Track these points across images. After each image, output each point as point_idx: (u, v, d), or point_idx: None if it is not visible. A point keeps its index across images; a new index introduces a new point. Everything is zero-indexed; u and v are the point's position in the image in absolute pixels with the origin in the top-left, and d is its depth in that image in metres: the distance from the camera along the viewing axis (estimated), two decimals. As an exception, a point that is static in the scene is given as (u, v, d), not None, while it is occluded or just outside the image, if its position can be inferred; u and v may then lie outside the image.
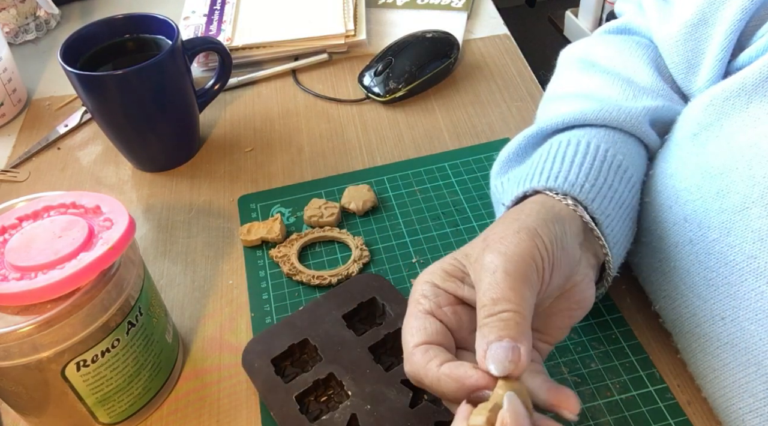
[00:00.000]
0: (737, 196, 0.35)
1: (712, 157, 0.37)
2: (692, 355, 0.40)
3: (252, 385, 0.43)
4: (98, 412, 0.40)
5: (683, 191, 0.38)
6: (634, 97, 0.43)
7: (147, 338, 0.41)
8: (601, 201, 0.38)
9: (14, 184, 0.63)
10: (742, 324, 0.35)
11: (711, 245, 0.36)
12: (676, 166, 0.39)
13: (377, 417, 0.39)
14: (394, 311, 0.45)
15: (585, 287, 0.37)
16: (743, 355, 0.35)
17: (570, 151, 0.40)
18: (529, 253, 0.32)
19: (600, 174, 0.39)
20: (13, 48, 0.79)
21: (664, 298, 0.41)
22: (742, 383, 0.35)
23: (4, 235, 0.38)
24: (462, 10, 0.78)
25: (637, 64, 0.46)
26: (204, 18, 0.77)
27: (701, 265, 0.37)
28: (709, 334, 0.37)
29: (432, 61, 0.67)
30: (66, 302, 0.35)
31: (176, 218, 0.57)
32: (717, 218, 0.36)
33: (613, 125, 0.41)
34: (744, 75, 0.36)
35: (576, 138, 0.40)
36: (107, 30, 0.59)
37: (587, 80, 0.46)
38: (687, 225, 0.38)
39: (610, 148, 0.40)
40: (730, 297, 0.35)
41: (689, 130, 0.39)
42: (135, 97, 0.56)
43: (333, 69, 0.73)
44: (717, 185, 0.36)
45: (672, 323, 0.41)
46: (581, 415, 0.40)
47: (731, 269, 0.35)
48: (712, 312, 0.37)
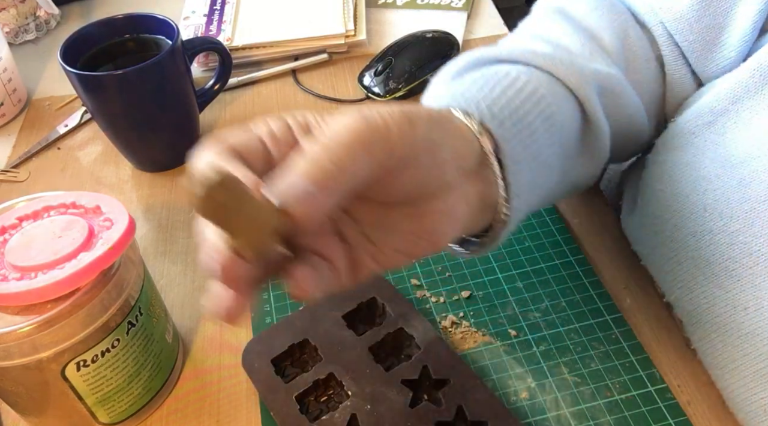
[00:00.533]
0: (761, 185, 0.34)
1: (731, 146, 0.36)
2: (710, 346, 0.39)
3: (252, 385, 0.43)
4: (98, 412, 0.40)
5: (702, 180, 0.38)
6: (590, 55, 0.42)
7: (147, 338, 0.41)
8: (516, 144, 0.35)
9: (14, 184, 0.63)
10: (764, 314, 0.34)
11: (733, 236, 0.36)
12: (693, 154, 0.39)
13: (377, 417, 0.39)
14: (394, 311, 0.45)
15: (443, 219, 0.32)
16: (765, 346, 0.35)
17: (504, 82, 0.37)
18: (390, 126, 0.28)
19: (527, 116, 0.36)
20: (13, 48, 0.79)
21: (680, 289, 0.40)
22: (763, 373, 0.35)
23: (4, 235, 0.38)
24: (462, 10, 0.78)
25: (605, 26, 0.44)
26: (204, 18, 0.77)
27: (722, 255, 0.37)
28: (730, 324, 0.37)
29: (432, 61, 0.67)
30: (66, 302, 0.35)
31: (176, 218, 0.57)
32: (739, 208, 0.35)
33: (558, 76, 0.39)
34: (759, 60, 0.35)
35: (516, 72, 0.37)
36: (107, 30, 0.59)
37: (551, 25, 0.45)
38: (707, 215, 0.37)
39: (547, 95, 0.37)
40: (754, 287, 0.35)
41: (704, 119, 0.38)
42: (135, 97, 0.56)
43: (333, 69, 0.73)
44: (739, 174, 0.36)
45: (688, 314, 0.40)
46: (581, 415, 0.40)
47: (755, 260, 0.35)
48: (733, 302, 0.36)
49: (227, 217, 0.25)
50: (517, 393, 0.42)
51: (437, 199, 0.31)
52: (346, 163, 0.26)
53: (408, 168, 0.29)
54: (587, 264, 0.49)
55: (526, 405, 0.41)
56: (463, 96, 0.35)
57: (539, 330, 0.45)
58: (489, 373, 0.43)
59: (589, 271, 0.49)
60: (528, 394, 0.42)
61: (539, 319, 0.46)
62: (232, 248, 0.26)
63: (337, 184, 0.26)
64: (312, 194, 0.26)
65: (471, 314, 0.47)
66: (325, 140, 0.27)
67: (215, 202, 0.24)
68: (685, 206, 0.39)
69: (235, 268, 0.26)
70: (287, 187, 0.26)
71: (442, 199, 0.32)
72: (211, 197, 0.23)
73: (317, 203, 0.26)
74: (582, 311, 0.46)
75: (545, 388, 0.42)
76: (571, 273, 0.49)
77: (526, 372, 0.43)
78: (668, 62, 0.44)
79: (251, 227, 0.25)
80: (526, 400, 0.42)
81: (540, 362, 0.43)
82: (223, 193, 0.24)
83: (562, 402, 0.41)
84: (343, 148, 0.27)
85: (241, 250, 0.26)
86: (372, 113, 0.28)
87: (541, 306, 0.47)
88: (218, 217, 0.25)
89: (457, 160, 0.32)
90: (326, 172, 0.26)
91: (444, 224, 0.32)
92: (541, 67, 0.39)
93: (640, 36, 0.44)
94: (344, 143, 0.27)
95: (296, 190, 0.26)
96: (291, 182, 0.26)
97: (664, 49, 0.44)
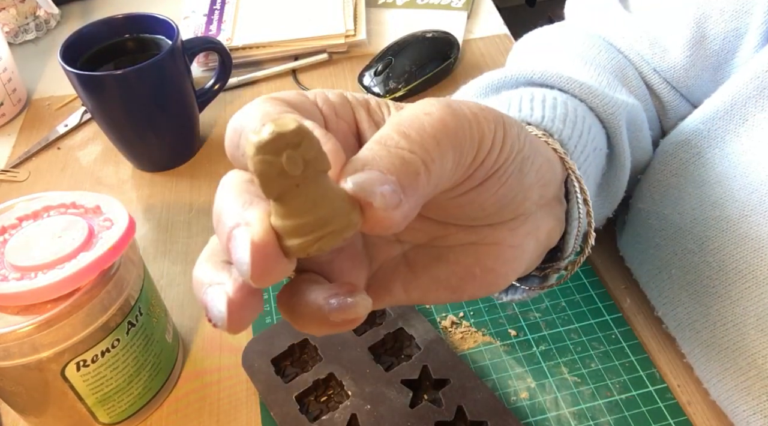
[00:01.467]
0: (734, 205, 0.35)
1: (708, 167, 0.37)
2: (696, 360, 0.40)
3: (252, 385, 0.43)
4: (98, 412, 0.40)
5: (680, 200, 0.38)
6: (608, 85, 0.40)
7: (147, 338, 0.41)
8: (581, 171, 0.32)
9: (14, 184, 0.63)
10: (743, 330, 0.35)
11: (710, 254, 0.36)
12: (672, 174, 0.39)
13: (377, 417, 0.39)
14: (394, 311, 0.45)
15: (510, 256, 0.27)
16: (744, 360, 0.35)
17: (559, 105, 0.33)
18: (483, 125, 0.23)
19: (587, 145, 0.33)
20: (13, 48, 0.79)
21: (665, 305, 0.41)
22: (744, 387, 0.36)
23: (4, 235, 0.38)
24: (462, 10, 0.78)
25: (604, 63, 0.42)
26: (204, 18, 0.77)
27: (701, 273, 0.37)
28: (711, 340, 0.37)
29: (432, 61, 0.67)
30: (66, 302, 0.35)
31: (176, 218, 0.57)
32: (715, 227, 0.36)
33: (591, 106, 0.36)
34: (737, 84, 0.36)
35: (561, 97, 0.34)
36: (107, 30, 0.59)
37: (558, 57, 0.43)
38: (685, 234, 0.38)
39: (593, 125, 0.35)
40: (732, 304, 0.35)
41: (682, 139, 0.39)
42: (135, 97, 0.56)
43: (333, 69, 0.73)
44: (714, 194, 0.36)
45: (675, 330, 0.41)
46: (581, 415, 0.40)
47: (732, 278, 0.35)
48: (713, 319, 0.37)
49: (286, 187, 0.19)
50: (517, 393, 0.42)
51: (509, 231, 0.27)
52: (436, 164, 0.21)
53: (491, 182, 0.24)
54: (587, 264, 0.49)
55: (526, 405, 0.41)
56: (531, 114, 0.31)
57: (539, 330, 0.45)
58: (489, 373, 0.43)
59: (589, 271, 0.49)
60: (528, 394, 0.42)
61: (539, 319, 0.46)
62: (276, 235, 0.20)
63: (425, 189, 0.21)
64: (398, 195, 0.20)
65: (471, 314, 0.47)
66: (409, 130, 0.21)
67: (277, 165, 0.18)
68: (665, 226, 0.39)
69: (273, 259, 0.20)
70: (369, 177, 0.20)
71: (515, 232, 0.27)
72: (277, 153, 0.18)
73: (402, 209, 0.20)
74: (582, 311, 0.46)
75: (545, 388, 0.42)
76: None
77: (526, 372, 0.43)
78: (667, 101, 0.44)
79: (314, 214, 0.19)
80: (526, 400, 0.42)
81: (540, 362, 0.43)
82: (293, 155, 0.18)
83: (562, 402, 0.41)
84: (434, 143, 0.21)
85: (286, 240, 0.20)
86: (461, 106, 0.23)
87: (541, 306, 0.47)
88: (273, 183, 0.18)
89: (541, 185, 0.27)
90: (415, 169, 0.21)
91: (510, 263, 0.27)
92: (577, 94, 0.35)
93: (636, 76, 0.44)
94: (434, 136, 0.21)
95: (381, 184, 0.20)
96: (374, 174, 0.20)
97: (661, 90, 0.44)
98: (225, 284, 0.21)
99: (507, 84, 0.37)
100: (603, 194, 0.39)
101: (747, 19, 0.38)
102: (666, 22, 0.42)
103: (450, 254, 0.27)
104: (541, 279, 0.33)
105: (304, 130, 0.18)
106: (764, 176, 0.33)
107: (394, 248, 0.27)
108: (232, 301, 0.21)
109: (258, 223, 0.19)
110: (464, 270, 0.27)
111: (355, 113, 0.25)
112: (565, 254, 0.31)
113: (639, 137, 0.41)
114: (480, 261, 0.27)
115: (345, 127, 0.25)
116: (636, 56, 0.44)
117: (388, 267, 0.27)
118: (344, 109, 0.25)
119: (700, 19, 0.40)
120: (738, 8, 0.38)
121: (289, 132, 0.18)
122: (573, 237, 0.30)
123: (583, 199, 0.30)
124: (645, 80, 0.44)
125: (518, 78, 0.37)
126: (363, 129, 0.25)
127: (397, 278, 0.27)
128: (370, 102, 0.25)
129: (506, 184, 0.25)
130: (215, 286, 0.21)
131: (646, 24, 0.43)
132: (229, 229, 0.20)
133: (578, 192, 0.30)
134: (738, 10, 0.38)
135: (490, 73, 0.38)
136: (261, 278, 0.20)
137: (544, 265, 0.33)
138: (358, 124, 0.25)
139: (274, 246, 0.19)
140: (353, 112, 0.25)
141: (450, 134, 0.22)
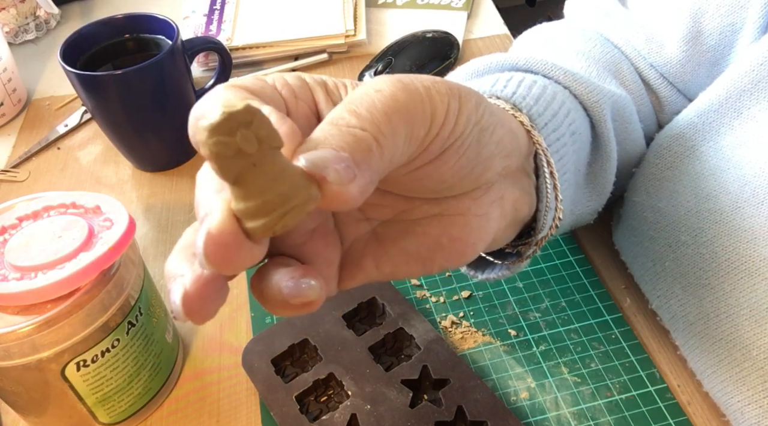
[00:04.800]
0: (727, 197, 0.35)
1: (702, 160, 0.37)
2: (690, 352, 0.40)
3: (252, 385, 0.43)
4: (98, 412, 0.40)
5: (674, 193, 0.38)
6: (598, 76, 0.40)
7: (147, 338, 0.41)
8: (553, 153, 0.32)
9: (14, 184, 0.63)
10: (736, 321, 0.35)
11: (703, 246, 0.36)
12: (667, 167, 0.39)
13: (377, 417, 0.39)
14: (394, 311, 0.45)
15: (475, 225, 0.27)
16: (739, 351, 0.35)
17: (535, 87, 0.33)
18: (435, 99, 0.23)
19: (560, 126, 0.33)
20: (13, 48, 0.79)
21: (658, 298, 0.41)
22: (739, 378, 0.36)
23: (4, 235, 0.38)
24: (462, 10, 0.78)
25: (598, 57, 0.43)
26: (204, 18, 0.77)
27: (695, 265, 0.37)
28: (705, 331, 0.37)
29: (432, 61, 0.67)
30: (66, 302, 0.35)
31: (176, 218, 0.57)
32: (709, 219, 0.36)
33: (575, 93, 0.36)
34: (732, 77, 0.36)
35: (542, 81, 0.34)
36: (107, 30, 0.59)
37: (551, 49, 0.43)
38: (679, 226, 0.38)
39: (572, 110, 0.35)
40: (725, 295, 0.35)
41: (676, 132, 0.39)
42: (135, 97, 0.56)
43: (333, 69, 0.73)
44: (708, 187, 0.36)
45: (668, 322, 0.41)
46: (581, 415, 0.40)
47: (725, 269, 0.35)
48: (707, 311, 0.37)
49: (243, 169, 0.19)
50: (517, 393, 0.42)
51: (472, 201, 0.27)
52: (388, 140, 0.22)
53: (449, 155, 0.25)
54: (587, 264, 0.49)
55: (526, 405, 0.41)
56: (503, 90, 0.31)
57: (539, 330, 0.45)
58: (489, 373, 0.43)
59: (589, 271, 0.49)
60: (528, 394, 0.42)
61: (539, 319, 0.46)
62: (237, 217, 0.20)
63: (379, 164, 0.21)
64: (352, 170, 0.20)
65: (471, 314, 0.47)
66: (360, 108, 0.22)
67: (232, 145, 0.18)
68: (659, 219, 0.39)
69: (234, 246, 0.20)
70: (322, 154, 0.20)
71: (478, 201, 0.27)
72: (230, 133, 0.18)
73: (358, 183, 0.20)
74: (582, 311, 0.46)
75: (545, 388, 0.42)
76: (571, 273, 0.49)
77: (526, 372, 0.43)
78: (663, 97, 0.44)
79: (274, 192, 0.19)
80: (526, 400, 0.42)
81: (540, 362, 0.43)
82: (246, 133, 0.18)
83: (562, 402, 0.41)
84: (385, 120, 0.22)
85: (249, 222, 0.20)
86: (413, 81, 0.23)
87: (541, 306, 0.47)
88: (230, 165, 0.18)
89: (503, 156, 0.27)
90: (367, 146, 0.21)
91: (476, 231, 0.27)
92: (561, 81, 0.36)
93: (631, 70, 0.44)
94: (384, 112, 0.22)
95: (335, 160, 0.20)
96: (327, 152, 0.21)
97: (657, 86, 0.44)
98: (185, 276, 0.21)
99: (492, 69, 0.38)
100: (590, 186, 0.39)
101: (743, 13, 0.38)
102: (662, 17, 0.42)
103: (417, 227, 0.27)
104: (515, 256, 0.33)
105: (253, 108, 0.18)
106: (757, 169, 0.34)
107: (363, 226, 0.28)
108: (187, 293, 0.21)
109: (217, 212, 0.20)
110: (432, 241, 0.27)
111: (314, 94, 0.26)
112: (539, 229, 0.31)
113: (628, 129, 0.41)
114: (446, 231, 0.27)
115: (305, 109, 0.25)
116: (632, 51, 0.44)
117: (358, 244, 0.27)
118: (303, 91, 0.25)
119: (696, 14, 0.40)
120: (734, 3, 0.38)
121: (239, 111, 0.18)
122: (543, 211, 0.31)
123: (550, 172, 0.30)
124: (641, 75, 0.44)
125: (503, 64, 0.37)
126: (322, 109, 0.26)
127: (367, 254, 0.27)
128: (327, 83, 0.26)
129: (464, 155, 0.25)
130: (177, 277, 0.22)
131: (643, 19, 0.43)
132: (199, 220, 0.21)
133: (545, 166, 0.30)
134: (734, 5, 0.38)
135: (477, 59, 0.38)
136: (223, 265, 0.20)
137: (518, 241, 0.33)
138: (318, 105, 0.26)
139: (232, 233, 0.20)
140: (312, 93, 0.26)
141: (401, 109, 0.22)
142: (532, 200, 0.31)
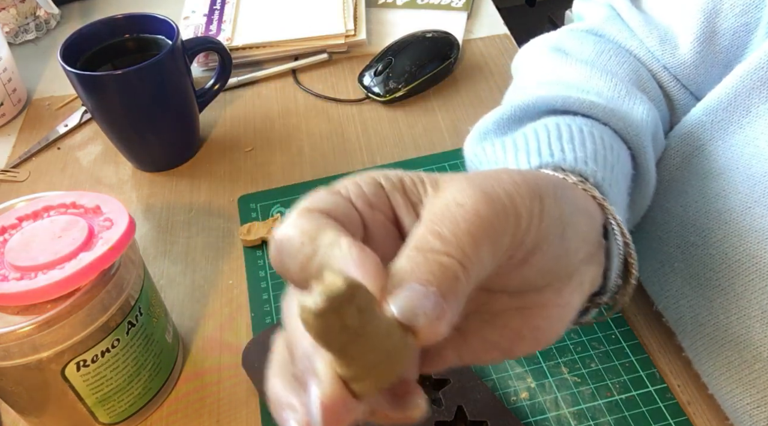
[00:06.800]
0: (738, 196, 0.35)
1: (711, 159, 0.37)
2: (697, 354, 0.39)
3: (252, 385, 0.43)
4: (98, 412, 0.40)
5: (683, 193, 0.38)
6: (627, 94, 0.39)
7: (147, 338, 0.41)
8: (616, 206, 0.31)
9: (14, 184, 0.63)
10: (746, 322, 0.35)
11: (714, 246, 0.36)
12: (676, 167, 0.39)
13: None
14: (394, 311, 0.45)
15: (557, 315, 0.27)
16: (749, 353, 0.35)
17: (588, 137, 0.32)
18: (519, 207, 0.23)
19: (619, 179, 0.32)
20: (13, 48, 0.79)
21: (666, 298, 0.41)
22: (748, 380, 0.36)
23: (4, 235, 0.38)
24: (462, 10, 0.78)
25: (616, 69, 0.42)
26: (204, 18, 0.77)
27: (705, 266, 0.37)
28: (714, 333, 0.37)
29: (432, 61, 0.67)
30: (66, 302, 0.35)
31: (176, 218, 0.57)
32: (718, 219, 0.36)
33: (615, 129, 0.36)
34: (740, 74, 0.35)
35: (587, 126, 0.34)
36: (107, 30, 0.59)
37: (569, 69, 0.42)
38: (689, 227, 0.38)
39: (621, 151, 0.34)
40: (736, 296, 0.35)
41: (685, 132, 0.39)
42: (135, 97, 0.56)
43: (333, 69, 0.73)
44: (717, 186, 0.36)
45: (675, 323, 0.41)
46: (581, 415, 0.40)
47: (736, 270, 0.35)
48: (717, 311, 0.37)
49: (347, 339, 0.19)
50: (517, 393, 0.42)
51: (555, 292, 0.26)
52: (474, 262, 0.21)
53: (534, 256, 0.24)
54: (587, 264, 0.49)
55: (526, 405, 0.41)
56: (564, 158, 0.30)
57: (539, 330, 0.45)
58: (489, 373, 0.43)
59: (589, 271, 0.49)
60: (528, 394, 0.42)
61: (539, 319, 0.46)
62: (343, 381, 0.20)
63: (465, 289, 0.21)
64: (441, 306, 0.20)
65: (471, 314, 0.47)
66: (443, 228, 0.21)
67: (337, 322, 0.18)
68: (668, 219, 0.39)
69: (345, 410, 0.20)
70: (410, 298, 0.20)
71: (560, 291, 0.26)
72: (335, 313, 0.18)
73: (447, 317, 0.20)
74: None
75: (545, 388, 0.42)
76: (571, 273, 0.48)
77: (526, 372, 0.43)
78: (676, 99, 0.43)
79: (377, 355, 0.19)
80: (526, 400, 0.42)
81: (540, 362, 0.43)
82: (350, 310, 0.18)
83: (562, 402, 0.41)
84: (469, 241, 0.21)
85: (356, 384, 0.20)
86: (494, 189, 0.22)
87: (541, 306, 0.47)
88: (336, 340, 0.19)
89: (584, 243, 0.27)
90: (453, 274, 0.20)
91: (557, 321, 0.27)
92: (600, 118, 0.35)
93: (649, 77, 0.43)
94: (468, 232, 0.21)
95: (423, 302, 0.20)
96: (415, 292, 0.20)
97: (671, 88, 0.43)
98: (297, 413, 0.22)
99: (529, 113, 0.37)
100: (630, 211, 0.38)
101: (758, 13, 0.38)
102: (676, 17, 0.42)
103: (497, 319, 0.27)
104: (579, 314, 0.32)
105: (354, 284, 0.18)
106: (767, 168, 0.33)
107: None
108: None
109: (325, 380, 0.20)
110: (513, 333, 0.27)
111: (391, 200, 0.25)
112: (606, 290, 0.31)
113: (657, 147, 0.40)
114: (528, 322, 0.26)
115: (382, 218, 0.24)
116: (646, 54, 0.43)
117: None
118: (379, 199, 0.24)
119: (710, 14, 0.39)
120: (749, 2, 0.38)
121: (341, 292, 0.18)
122: (614, 273, 0.30)
123: (624, 242, 0.29)
124: (656, 79, 0.44)
125: (540, 106, 0.37)
126: (401, 215, 0.25)
127: (448, 346, 0.27)
128: (405, 182, 0.25)
129: (548, 253, 0.24)
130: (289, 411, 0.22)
131: (657, 20, 0.43)
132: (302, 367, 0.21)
133: (617, 235, 0.29)
134: (749, 5, 0.38)
135: (511, 99, 0.37)
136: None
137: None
138: (395, 211, 0.25)
139: (343, 400, 0.20)
140: (388, 199, 0.25)
141: (485, 226, 0.21)
142: (603, 265, 0.30)
